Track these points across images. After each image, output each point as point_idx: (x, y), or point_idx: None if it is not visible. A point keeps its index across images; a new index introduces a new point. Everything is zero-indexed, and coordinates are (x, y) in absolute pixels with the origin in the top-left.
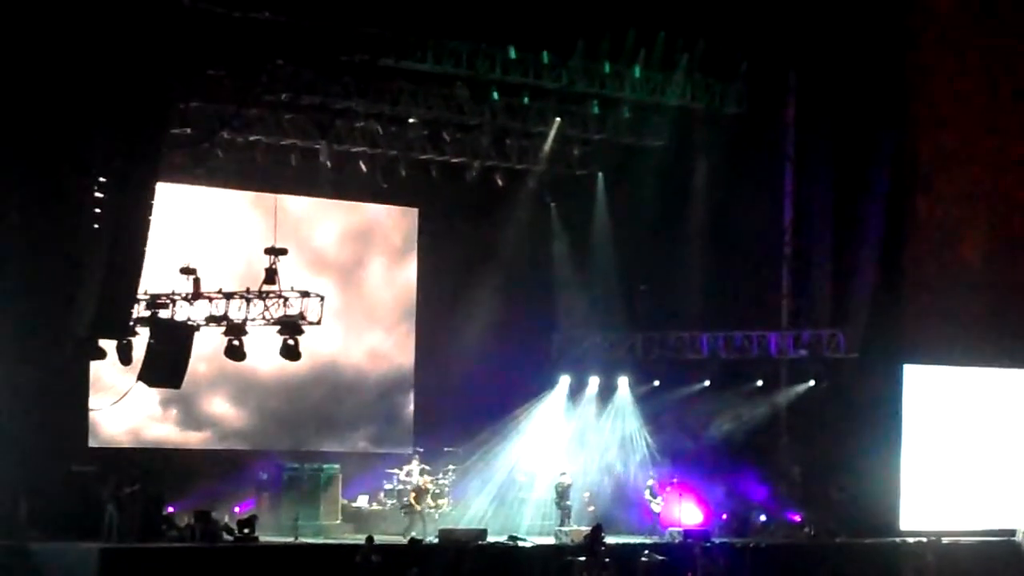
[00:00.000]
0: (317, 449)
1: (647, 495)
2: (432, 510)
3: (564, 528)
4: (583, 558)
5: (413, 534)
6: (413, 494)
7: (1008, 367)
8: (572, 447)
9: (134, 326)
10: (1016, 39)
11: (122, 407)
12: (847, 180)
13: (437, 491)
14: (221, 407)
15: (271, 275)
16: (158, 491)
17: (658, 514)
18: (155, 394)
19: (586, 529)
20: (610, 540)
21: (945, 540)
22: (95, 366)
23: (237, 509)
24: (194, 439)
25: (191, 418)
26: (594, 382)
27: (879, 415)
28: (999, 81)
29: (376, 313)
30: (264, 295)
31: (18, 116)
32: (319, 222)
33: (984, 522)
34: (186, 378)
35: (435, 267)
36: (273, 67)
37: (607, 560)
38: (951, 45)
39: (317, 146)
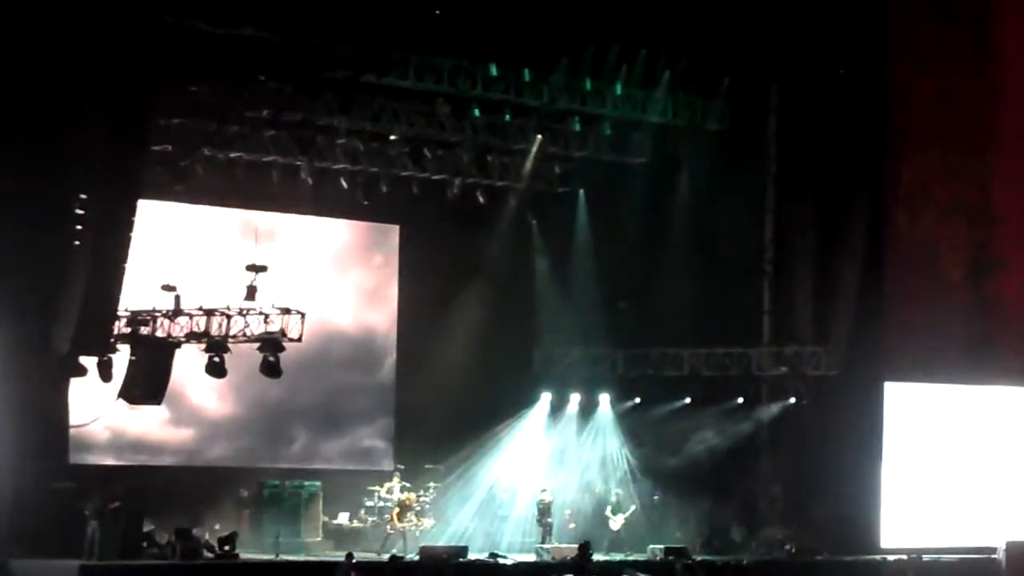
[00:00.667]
0: (298, 466)
1: (608, 511)
2: (413, 527)
3: (545, 545)
4: (571, 575)
5: (394, 551)
6: (396, 510)
7: (989, 384)
8: (553, 464)
9: (115, 343)
10: (993, 60)
11: (102, 424)
12: (829, 197)
13: (419, 508)
14: (202, 425)
15: (252, 292)
16: (139, 508)
17: (616, 531)
18: (135, 411)
19: (567, 547)
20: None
21: (926, 557)
22: (75, 383)
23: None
24: (175, 456)
25: (171, 435)
26: (575, 399)
27: (860, 432)
28: (979, 97)
29: (357, 331)
30: (245, 312)
31: None
32: (300, 239)
33: (965, 539)
34: (166, 395)
35: (416, 284)
36: (255, 83)
37: None
38: (931, 62)
39: (298, 163)
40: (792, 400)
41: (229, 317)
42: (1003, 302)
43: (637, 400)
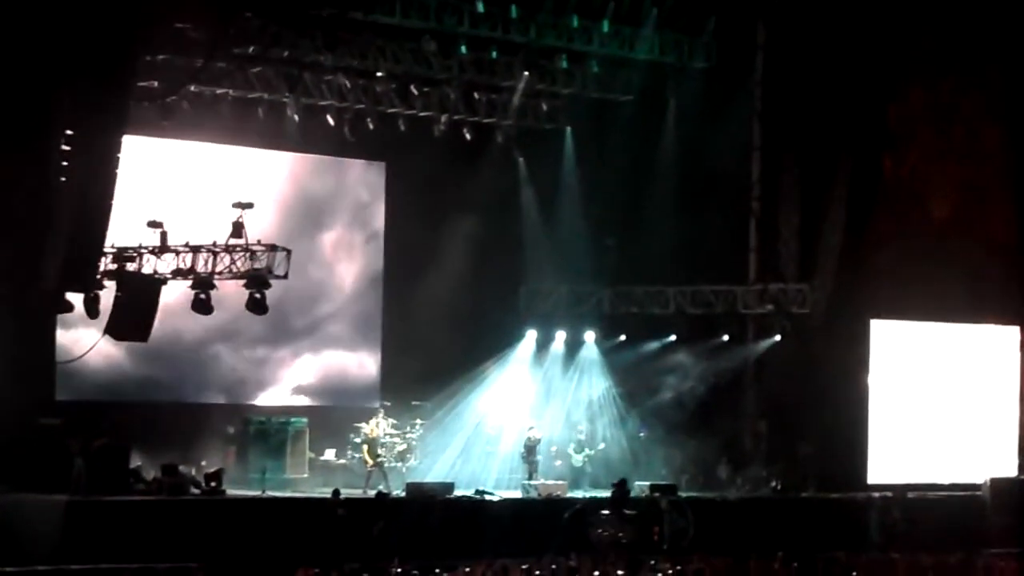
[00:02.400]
0: (284, 403)
1: (571, 449)
2: (399, 464)
3: (532, 482)
4: (606, 512)
5: (380, 488)
6: (365, 447)
7: (974, 323)
8: (539, 401)
9: (101, 279)
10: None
11: (89, 360)
12: (815, 136)
13: (404, 445)
14: (188, 361)
15: (238, 229)
16: (125, 445)
17: (579, 468)
18: (122, 347)
19: (554, 483)
20: (577, 495)
21: (911, 494)
22: (62, 319)
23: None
24: (160, 393)
25: (157, 371)
26: (561, 336)
27: (846, 370)
28: (970, 37)
29: (343, 267)
30: (231, 249)
31: None
32: (286, 176)
33: (950, 476)
34: (152, 332)
35: (402, 221)
36: (241, 20)
37: (632, 514)
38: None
39: (284, 100)
40: (778, 338)
41: (215, 254)
42: (988, 240)
43: (622, 338)
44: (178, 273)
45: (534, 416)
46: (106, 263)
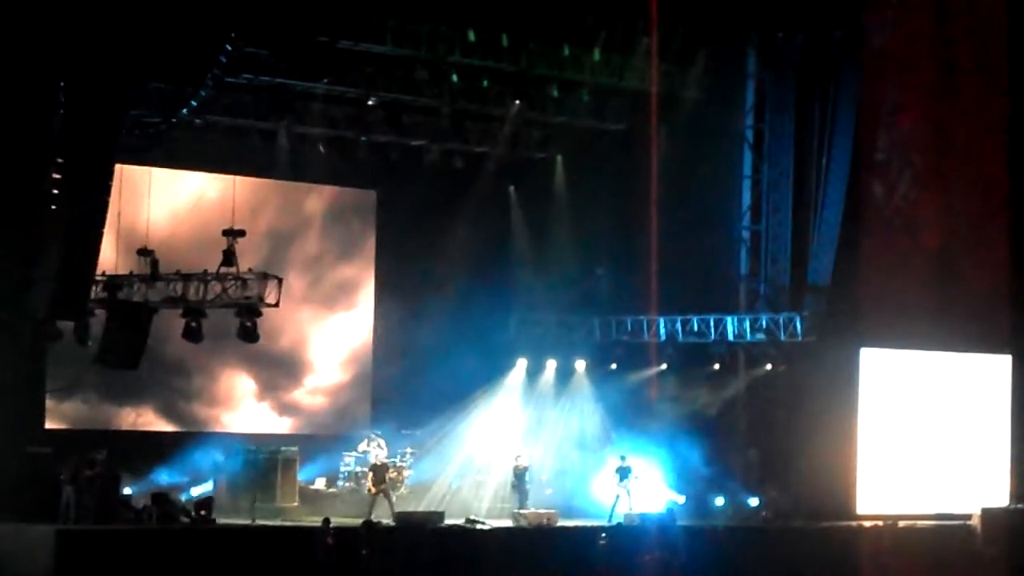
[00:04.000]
0: (275, 431)
1: (616, 478)
2: (395, 486)
3: (522, 511)
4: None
5: (371, 517)
6: (370, 474)
7: (964, 352)
8: (529, 429)
9: (91, 307)
10: (973, 17)
11: (79, 389)
12: (806, 165)
13: (395, 473)
14: (179, 389)
15: (229, 257)
16: (115, 473)
17: (618, 498)
18: (112, 376)
19: (544, 511)
20: (567, 524)
21: (901, 523)
22: (52, 348)
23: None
24: (151, 421)
25: (148, 399)
26: (551, 365)
27: (836, 399)
28: (958, 62)
29: (334, 296)
30: (222, 277)
31: None
32: (277, 204)
33: (940, 506)
34: (143, 359)
35: (393, 249)
36: (232, 48)
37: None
38: (908, 30)
39: (276, 128)
40: (768, 367)
41: (206, 282)
42: (980, 269)
43: (613, 366)
44: (169, 301)
45: (525, 444)
46: (97, 291)
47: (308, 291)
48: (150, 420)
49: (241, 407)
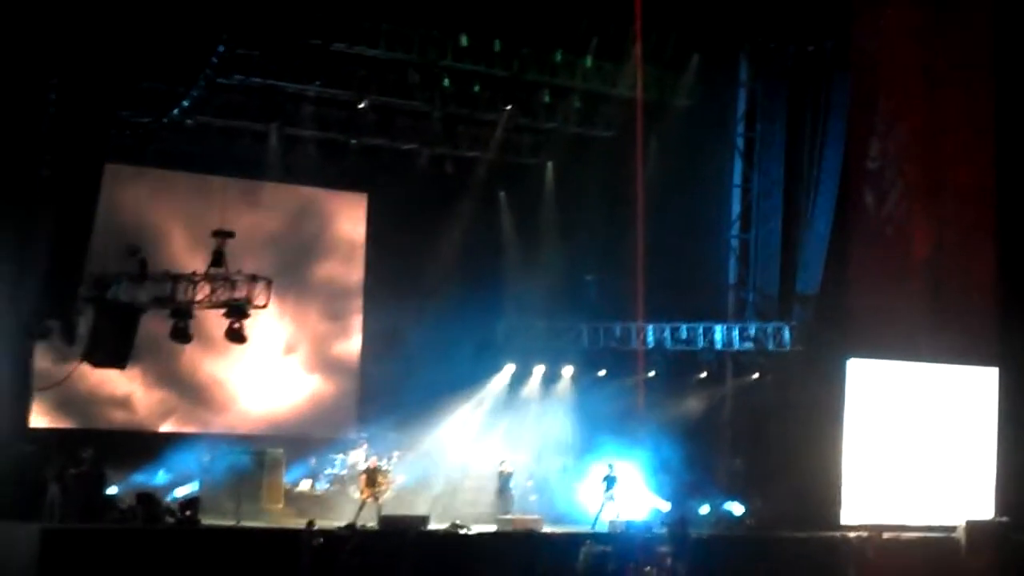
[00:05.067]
0: (261, 433)
1: (601, 485)
2: (384, 491)
3: (507, 516)
4: (664, 548)
5: (352, 520)
6: (363, 477)
7: (952, 363)
8: (515, 434)
9: (80, 306)
10: (961, 28)
11: (66, 387)
12: (796, 174)
13: (382, 477)
14: (165, 389)
15: (218, 258)
16: (101, 472)
17: (604, 505)
18: (99, 375)
19: (529, 517)
20: (551, 530)
21: (886, 534)
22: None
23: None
24: (137, 421)
25: (134, 399)
26: (539, 370)
27: (822, 408)
28: (948, 74)
29: (323, 298)
30: (211, 278)
31: None
32: (267, 206)
33: (925, 517)
34: (130, 359)
35: (383, 253)
36: (225, 49)
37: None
38: (898, 41)
39: (267, 129)
40: (756, 376)
41: (195, 282)
42: (969, 280)
43: (601, 373)
44: (157, 301)
45: (511, 449)
46: (85, 290)
47: (297, 293)
48: (136, 420)
49: (227, 408)
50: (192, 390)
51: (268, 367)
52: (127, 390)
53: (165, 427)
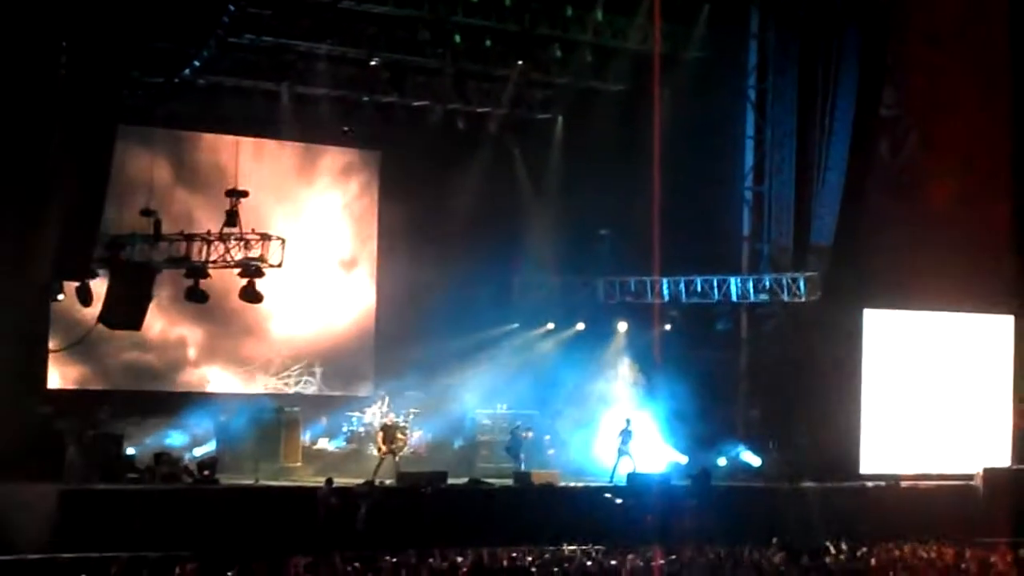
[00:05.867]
0: (278, 391)
1: (617, 439)
2: (402, 447)
3: (524, 471)
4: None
5: (370, 477)
6: (380, 434)
7: (968, 312)
8: (531, 389)
9: (94, 267)
10: None
11: (82, 348)
12: (809, 125)
13: (400, 434)
14: (182, 349)
15: (232, 217)
16: (119, 433)
17: (619, 459)
18: (115, 336)
19: (547, 472)
20: (571, 484)
21: (904, 484)
22: (55, 307)
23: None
24: (154, 381)
25: (151, 359)
26: (553, 326)
27: (839, 359)
28: (969, 26)
29: (337, 257)
30: (225, 237)
31: None
32: (280, 164)
33: (943, 466)
34: (146, 320)
35: (397, 210)
36: (235, 8)
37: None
38: None
39: (279, 88)
40: (772, 327)
41: (209, 242)
42: (984, 230)
43: (618, 327)
44: (172, 262)
45: (527, 406)
46: (100, 251)
47: (311, 251)
48: (153, 380)
49: (244, 367)
50: (207, 350)
51: (283, 326)
52: (143, 351)
53: (182, 387)
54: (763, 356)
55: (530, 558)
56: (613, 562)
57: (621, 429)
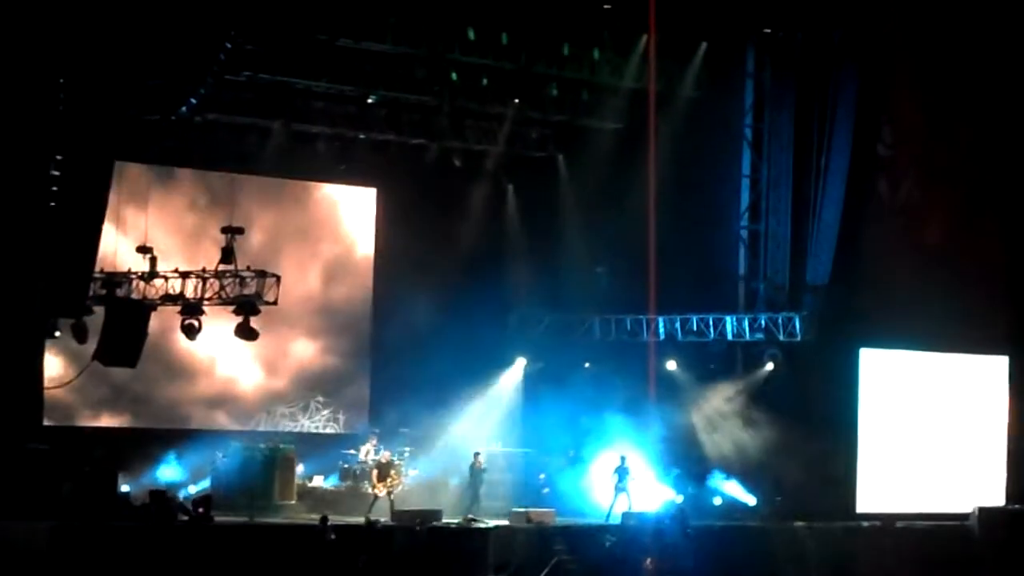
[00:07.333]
0: (273, 429)
1: (613, 477)
2: (396, 487)
3: (519, 510)
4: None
5: (369, 516)
6: (375, 472)
7: (964, 353)
8: (526, 427)
9: (90, 304)
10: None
11: (76, 386)
12: (805, 164)
13: (394, 472)
14: (176, 386)
15: (227, 254)
16: (113, 470)
17: (616, 497)
18: (110, 373)
19: (544, 510)
20: (564, 522)
21: (899, 523)
22: (50, 344)
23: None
24: (149, 419)
25: (146, 397)
26: (550, 363)
27: (835, 398)
28: (962, 62)
29: (332, 294)
30: (220, 274)
31: None
32: (276, 201)
33: (938, 505)
34: (141, 357)
35: (393, 247)
36: (232, 46)
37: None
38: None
39: (275, 125)
40: (767, 367)
41: (205, 279)
42: (977, 271)
43: (612, 365)
44: (167, 299)
45: (523, 444)
46: (95, 288)
47: (307, 289)
48: (148, 418)
49: (239, 405)
50: (203, 387)
51: (278, 363)
52: (138, 388)
53: (177, 425)
54: (758, 395)
55: None
56: None
57: (616, 467)
